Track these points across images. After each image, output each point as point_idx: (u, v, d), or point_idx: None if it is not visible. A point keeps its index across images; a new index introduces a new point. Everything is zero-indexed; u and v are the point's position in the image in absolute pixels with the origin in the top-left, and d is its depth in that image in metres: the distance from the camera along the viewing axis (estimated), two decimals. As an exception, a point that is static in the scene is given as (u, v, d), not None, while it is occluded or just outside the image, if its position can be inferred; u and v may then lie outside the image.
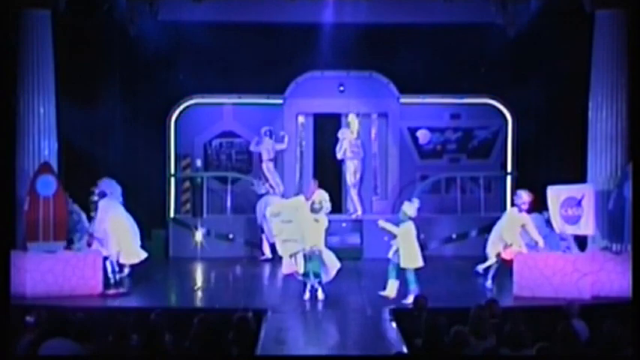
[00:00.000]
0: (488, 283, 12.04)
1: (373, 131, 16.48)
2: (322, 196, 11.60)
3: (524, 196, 11.83)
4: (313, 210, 11.31)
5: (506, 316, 8.08)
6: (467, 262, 13.24)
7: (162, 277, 13.11)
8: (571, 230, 11.73)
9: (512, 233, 11.70)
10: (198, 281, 13.25)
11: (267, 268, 13.92)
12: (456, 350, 7.02)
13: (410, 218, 11.33)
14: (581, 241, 12.44)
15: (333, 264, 11.32)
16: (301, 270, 11.26)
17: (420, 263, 11.26)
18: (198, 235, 15.05)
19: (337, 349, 9.03)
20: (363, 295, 11.82)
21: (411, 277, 11.13)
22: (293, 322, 10.18)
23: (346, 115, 16.12)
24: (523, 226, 11.72)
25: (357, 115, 15.94)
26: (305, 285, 11.38)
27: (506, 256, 11.75)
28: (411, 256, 11.20)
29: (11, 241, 11.20)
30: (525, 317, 8.01)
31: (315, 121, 16.59)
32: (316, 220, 11.29)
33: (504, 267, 11.83)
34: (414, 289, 10.99)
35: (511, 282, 11.50)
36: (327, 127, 16.36)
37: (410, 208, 11.40)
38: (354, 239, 15.17)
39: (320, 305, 11.03)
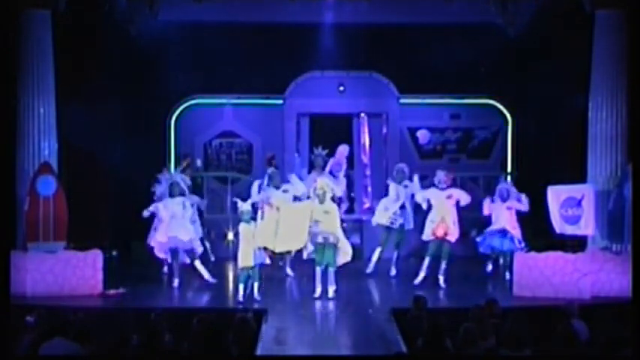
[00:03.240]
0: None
1: (375, 131, 16.49)
2: (323, 183, 11.57)
3: (442, 177, 12.44)
4: (319, 200, 11.35)
5: (506, 316, 8.09)
6: (467, 262, 13.25)
7: (162, 277, 13.10)
8: (571, 230, 11.74)
9: (446, 211, 12.31)
10: (201, 280, 13.23)
11: (266, 269, 13.90)
12: (465, 348, 7.02)
13: None
14: (582, 241, 12.47)
15: (345, 253, 11.39)
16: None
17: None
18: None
19: (337, 349, 9.03)
20: (363, 295, 11.82)
21: None
22: (293, 322, 10.18)
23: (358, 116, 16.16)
24: (449, 197, 12.39)
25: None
26: (314, 283, 11.41)
27: (439, 232, 12.23)
28: None
29: (11, 241, 11.21)
30: (525, 317, 8.01)
31: (315, 121, 16.59)
32: (326, 212, 11.29)
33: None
34: None
35: (511, 282, 11.51)
36: (326, 127, 16.35)
37: None
38: (354, 239, 15.14)
39: (320, 305, 11.03)
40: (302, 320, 10.34)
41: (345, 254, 11.46)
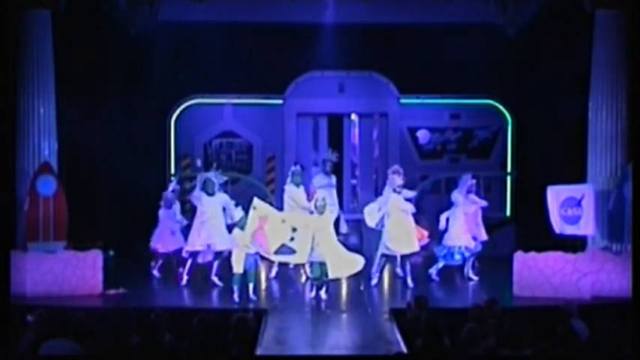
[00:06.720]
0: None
1: (374, 131, 16.49)
2: (320, 197, 11.55)
3: (397, 180, 12.37)
4: (318, 211, 11.37)
5: (506, 316, 8.09)
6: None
7: (162, 277, 13.10)
8: (571, 230, 11.74)
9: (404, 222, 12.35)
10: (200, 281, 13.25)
11: (266, 269, 13.92)
12: (468, 348, 7.02)
13: None
14: (582, 241, 12.47)
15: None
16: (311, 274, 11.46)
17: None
18: None
19: (337, 349, 9.03)
20: (363, 295, 11.82)
21: None
22: (293, 322, 10.19)
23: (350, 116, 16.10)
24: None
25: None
26: (312, 284, 11.42)
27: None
28: None
29: (11, 241, 11.21)
30: (525, 317, 8.01)
31: (314, 121, 16.59)
32: (324, 226, 11.32)
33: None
34: None
35: (511, 282, 11.51)
36: (326, 127, 16.34)
37: None
38: (354, 239, 15.15)
39: (320, 305, 11.03)
40: (302, 320, 10.35)
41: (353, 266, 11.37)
